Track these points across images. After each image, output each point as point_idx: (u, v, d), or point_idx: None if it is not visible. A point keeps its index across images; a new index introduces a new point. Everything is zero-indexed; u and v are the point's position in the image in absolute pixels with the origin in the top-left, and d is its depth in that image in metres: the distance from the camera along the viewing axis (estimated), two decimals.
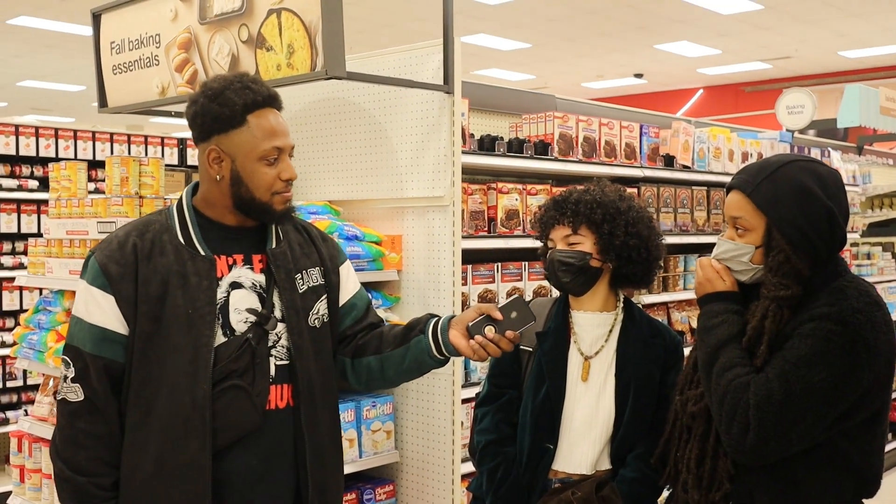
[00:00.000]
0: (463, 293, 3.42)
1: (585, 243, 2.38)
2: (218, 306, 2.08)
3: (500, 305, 2.21)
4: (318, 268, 2.28)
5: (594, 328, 2.44)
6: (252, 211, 2.14)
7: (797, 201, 2.01)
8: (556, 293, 2.71)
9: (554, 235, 2.42)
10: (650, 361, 2.39)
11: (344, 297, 2.34)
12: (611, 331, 2.44)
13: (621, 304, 2.48)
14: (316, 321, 2.23)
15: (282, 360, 2.15)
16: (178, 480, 2.02)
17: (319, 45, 2.95)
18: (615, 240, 2.36)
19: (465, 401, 3.36)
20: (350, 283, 2.37)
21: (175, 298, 2.04)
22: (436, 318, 2.27)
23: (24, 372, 5.98)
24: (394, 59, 3.42)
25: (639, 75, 16.18)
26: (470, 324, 2.19)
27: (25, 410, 5.51)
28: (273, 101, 2.15)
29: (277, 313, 2.16)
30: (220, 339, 2.08)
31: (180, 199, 2.19)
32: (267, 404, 2.11)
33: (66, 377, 2.08)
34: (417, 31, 11.70)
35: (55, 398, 3.37)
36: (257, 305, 2.13)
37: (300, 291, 2.20)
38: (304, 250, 2.27)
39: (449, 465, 3.27)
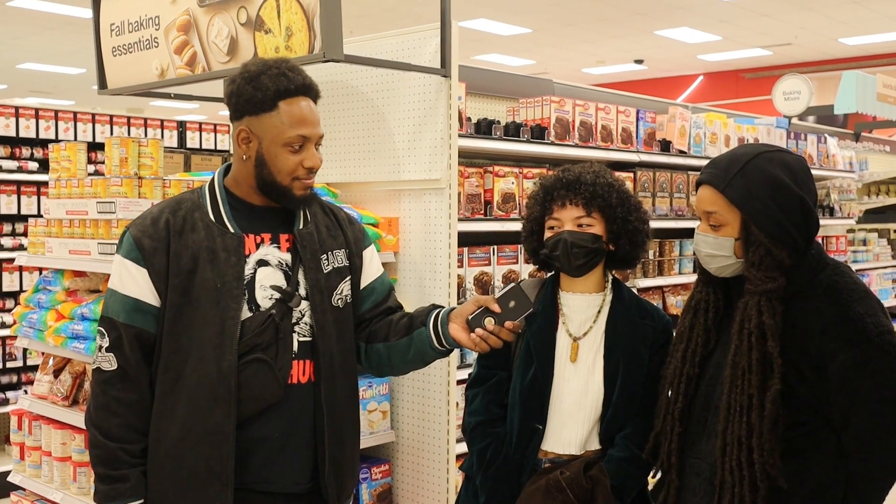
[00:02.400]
0: (459, 275, 3.45)
1: (596, 226, 2.37)
2: (245, 282, 2.16)
3: (497, 296, 2.23)
4: (343, 250, 2.35)
5: (583, 309, 2.44)
6: (272, 193, 2.22)
7: (771, 195, 2.05)
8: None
9: (561, 215, 2.38)
10: (639, 342, 2.40)
11: (365, 281, 2.41)
12: (599, 311, 2.44)
13: (610, 285, 2.49)
14: (339, 301, 2.30)
15: (305, 336, 2.23)
16: (202, 446, 2.11)
17: (317, 27, 2.97)
18: (628, 225, 2.38)
19: (460, 382, 3.40)
20: (373, 267, 2.44)
21: (204, 272, 2.13)
22: (437, 311, 2.32)
23: (24, 352, 6.02)
24: (392, 42, 3.44)
25: (639, 61, 16.16)
26: (469, 317, 2.23)
27: (25, 390, 5.55)
28: (307, 91, 2.21)
29: (302, 291, 2.23)
30: (246, 313, 2.16)
31: (212, 178, 2.28)
32: (289, 378, 2.19)
33: (100, 347, 2.17)
34: (418, 14, 11.67)
35: (53, 377, 3.42)
36: (282, 283, 2.21)
37: (325, 272, 2.27)
38: (330, 232, 2.34)
39: (444, 446, 3.31)
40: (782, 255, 2.04)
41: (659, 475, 2.30)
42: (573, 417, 2.39)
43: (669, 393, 2.22)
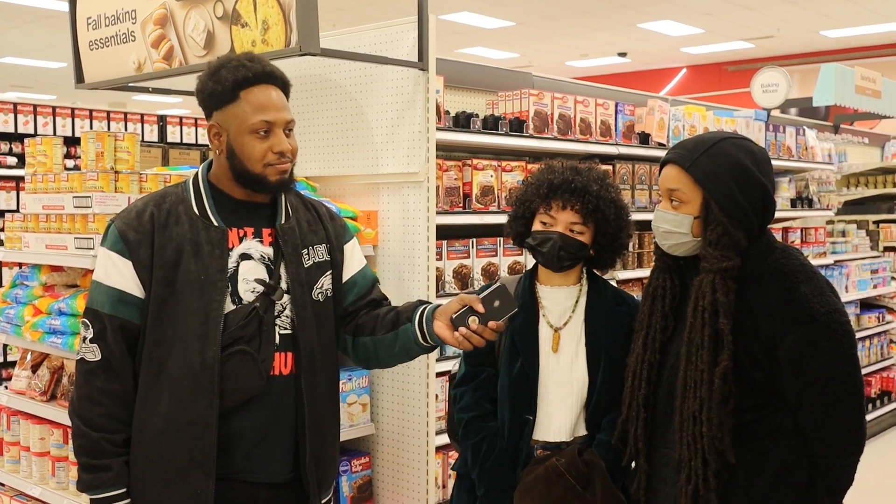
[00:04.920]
0: (438, 268, 3.46)
1: (587, 234, 2.45)
2: (228, 275, 2.19)
3: (482, 295, 2.23)
4: (324, 245, 2.38)
5: (562, 301, 2.52)
6: (248, 183, 2.24)
7: (734, 177, 2.12)
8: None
9: (558, 216, 2.44)
10: (617, 329, 2.48)
11: (347, 274, 2.45)
12: (577, 302, 2.52)
13: (585, 276, 2.57)
14: (319, 295, 2.33)
15: (286, 329, 2.26)
16: (185, 436, 2.14)
17: (294, 21, 2.97)
18: (615, 241, 2.46)
19: (439, 374, 3.42)
20: (354, 260, 2.47)
21: (188, 265, 2.16)
22: (422, 307, 2.34)
23: (4, 348, 5.99)
24: (369, 35, 3.44)
25: (622, 54, 16.18)
26: (453, 315, 2.23)
27: (5, 386, 5.52)
28: (268, 78, 2.23)
29: (283, 285, 2.26)
30: (229, 306, 2.19)
31: (196, 173, 2.31)
32: (271, 370, 2.22)
33: (85, 338, 2.20)
34: (400, 9, 11.60)
35: (32, 372, 3.41)
36: (265, 276, 2.24)
37: (305, 266, 2.30)
38: (311, 227, 2.37)
39: (423, 438, 3.32)
40: (739, 235, 2.10)
41: (633, 464, 2.34)
42: (561, 406, 2.46)
43: (633, 380, 2.26)
